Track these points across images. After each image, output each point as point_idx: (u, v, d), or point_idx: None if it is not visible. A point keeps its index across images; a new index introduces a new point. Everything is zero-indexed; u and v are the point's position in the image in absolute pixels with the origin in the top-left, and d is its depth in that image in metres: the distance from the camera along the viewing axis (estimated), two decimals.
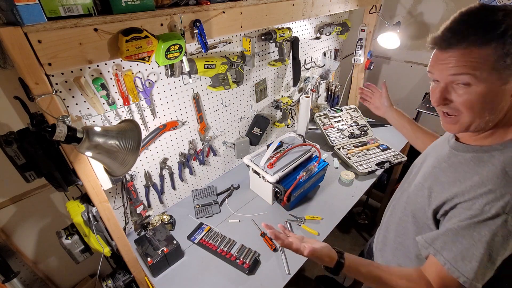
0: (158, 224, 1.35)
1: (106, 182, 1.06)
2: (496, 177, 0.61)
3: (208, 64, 1.24)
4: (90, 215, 1.01)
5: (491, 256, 0.61)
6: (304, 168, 1.46)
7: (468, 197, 0.63)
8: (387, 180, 2.29)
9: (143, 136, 1.21)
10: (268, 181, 1.40)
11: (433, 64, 0.65)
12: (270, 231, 0.75)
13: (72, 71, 0.94)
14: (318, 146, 1.56)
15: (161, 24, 0.88)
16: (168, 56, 0.90)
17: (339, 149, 1.87)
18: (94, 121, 1.06)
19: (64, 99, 0.95)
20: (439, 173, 0.75)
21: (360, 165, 1.72)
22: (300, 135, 1.68)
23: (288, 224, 1.39)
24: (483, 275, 0.62)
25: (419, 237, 0.73)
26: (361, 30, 1.97)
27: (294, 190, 1.37)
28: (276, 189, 1.42)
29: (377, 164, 1.72)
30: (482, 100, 0.60)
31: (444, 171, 0.74)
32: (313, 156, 1.57)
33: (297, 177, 1.39)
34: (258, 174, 1.46)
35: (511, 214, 0.58)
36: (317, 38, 1.88)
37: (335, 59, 2.17)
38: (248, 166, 1.50)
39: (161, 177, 1.39)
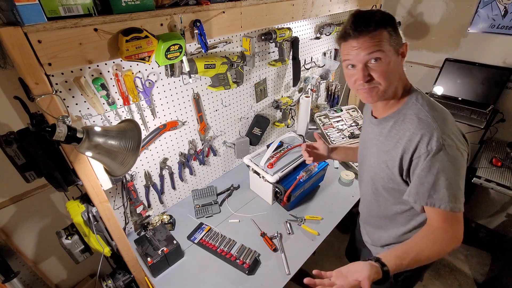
0: (158, 224, 1.35)
1: (106, 182, 1.06)
2: (418, 124, 0.80)
3: (208, 64, 1.24)
4: (90, 215, 1.01)
5: (451, 179, 0.76)
6: (304, 168, 1.46)
7: (413, 148, 0.80)
8: None
9: (143, 136, 1.21)
10: (268, 181, 1.40)
11: (348, 52, 0.81)
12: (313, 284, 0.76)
13: (72, 71, 0.94)
14: None
15: (161, 24, 0.88)
16: (168, 56, 0.90)
17: None
18: (94, 121, 1.06)
19: (64, 99, 0.95)
20: (381, 146, 0.91)
21: None
22: (300, 135, 1.68)
23: (288, 224, 1.39)
24: (455, 196, 0.77)
25: (405, 196, 0.85)
26: None
27: (294, 190, 1.37)
28: (276, 189, 1.42)
29: None
30: (390, 69, 0.80)
31: (383, 143, 0.90)
32: None
33: (297, 177, 1.39)
34: (258, 174, 1.46)
35: (445, 143, 0.76)
36: (317, 38, 1.88)
37: (335, 59, 2.17)
38: (248, 166, 1.50)
39: (161, 177, 1.39)
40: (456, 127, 0.82)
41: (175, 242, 1.21)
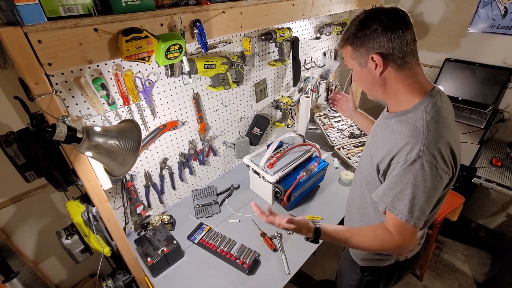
0: (158, 224, 1.35)
1: (106, 182, 1.06)
2: (410, 131, 0.79)
3: (208, 64, 1.24)
4: (90, 215, 1.01)
5: (418, 195, 0.76)
6: (304, 168, 1.46)
7: (395, 152, 0.80)
8: None
9: (143, 136, 1.21)
10: (268, 181, 1.40)
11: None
12: (257, 210, 0.92)
13: (72, 71, 0.94)
14: (318, 146, 1.56)
15: (161, 24, 0.88)
16: (168, 56, 0.90)
17: (339, 149, 1.87)
18: (94, 121, 1.06)
19: (64, 99, 0.95)
20: (375, 139, 0.93)
21: None
22: (300, 135, 1.68)
23: None
24: (414, 210, 0.77)
25: (373, 194, 0.88)
26: None
27: (294, 190, 1.37)
28: (276, 189, 1.42)
29: None
30: (361, 79, 0.88)
31: (378, 136, 0.92)
32: (313, 156, 1.57)
33: (297, 177, 1.39)
34: (258, 174, 1.46)
35: (425, 158, 0.74)
36: (317, 38, 1.88)
37: (335, 59, 2.17)
38: (248, 166, 1.50)
39: (161, 177, 1.39)
40: (449, 147, 0.77)
41: (175, 242, 1.21)
